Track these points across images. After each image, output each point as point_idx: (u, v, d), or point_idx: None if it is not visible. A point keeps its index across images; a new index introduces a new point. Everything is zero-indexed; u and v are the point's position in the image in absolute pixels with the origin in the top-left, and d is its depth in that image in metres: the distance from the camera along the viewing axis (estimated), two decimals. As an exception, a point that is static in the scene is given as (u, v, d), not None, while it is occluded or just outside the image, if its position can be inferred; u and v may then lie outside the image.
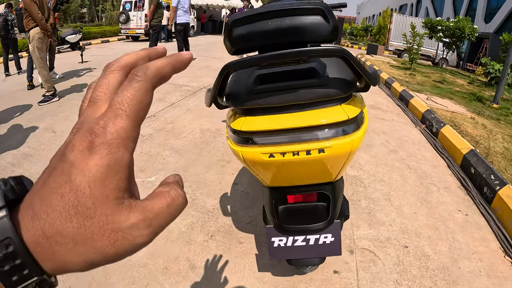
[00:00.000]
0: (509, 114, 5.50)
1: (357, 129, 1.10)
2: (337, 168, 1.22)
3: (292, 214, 1.34)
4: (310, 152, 1.07)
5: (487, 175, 2.76)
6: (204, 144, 3.26)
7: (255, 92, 1.11)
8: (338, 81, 1.10)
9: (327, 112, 1.09)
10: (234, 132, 1.16)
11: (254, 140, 1.10)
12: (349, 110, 1.10)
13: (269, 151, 1.08)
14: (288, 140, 1.08)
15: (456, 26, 11.59)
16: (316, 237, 1.33)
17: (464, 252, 2.04)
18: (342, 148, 1.08)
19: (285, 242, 1.34)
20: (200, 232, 2.01)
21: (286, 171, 1.20)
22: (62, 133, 3.46)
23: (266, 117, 1.12)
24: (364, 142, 3.54)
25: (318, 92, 1.09)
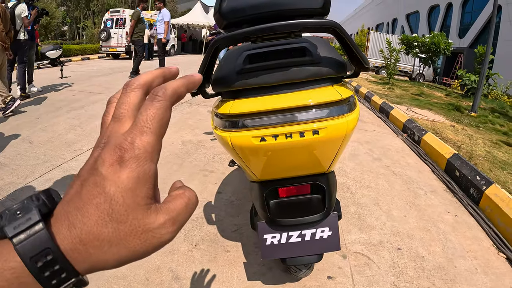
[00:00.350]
0: (488, 121, 5.68)
1: (351, 110, 1.06)
2: (331, 155, 1.16)
3: (285, 208, 1.26)
4: (304, 134, 1.01)
5: (472, 176, 2.78)
6: (186, 155, 3.17)
7: (244, 72, 1.06)
8: (330, 60, 1.07)
9: (320, 92, 1.05)
10: (222, 118, 1.09)
11: (244, 123, 1.03)
12: (342, 91, 1.06)
13: (260, 134, 1.02)
14: (280, 121, 1.01)
15: (431, 42, 12.09)
16: (312, 231, 1.22)
17: (458, 251, 2.00)
18: (337, 130, 1.02)
19: (278, 239, 1.22)
20: (183, 241, 1.89)
21: (278, 158, 1.13)
22: (39, 143, 3.32)
23: (256, 99, 1.06)
24: (348, 151, 3.55)
25: (310, 70, 1.04)
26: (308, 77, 1.05)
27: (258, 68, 1.05)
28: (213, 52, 1.03)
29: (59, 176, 2.62)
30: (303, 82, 1.06)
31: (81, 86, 6.59)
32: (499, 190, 2.49)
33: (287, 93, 1.05)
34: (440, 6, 25.91)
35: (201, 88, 1.17)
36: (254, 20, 1.02)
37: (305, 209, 1.24)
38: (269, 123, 1.02)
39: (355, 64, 1.14)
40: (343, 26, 1.09)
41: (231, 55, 1.16)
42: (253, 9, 1.02)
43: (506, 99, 10.35)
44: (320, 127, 1.01)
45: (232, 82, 1.07)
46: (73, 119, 4.22)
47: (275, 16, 1.00)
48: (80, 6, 25.46)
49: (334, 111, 1.02)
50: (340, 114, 1.03)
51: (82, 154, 3.06)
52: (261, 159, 1.13)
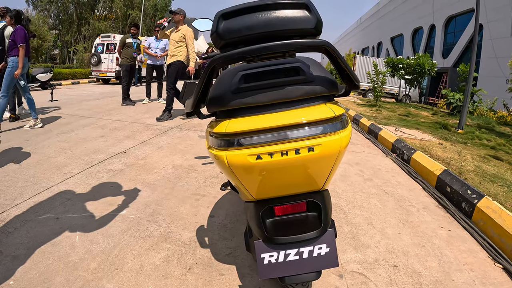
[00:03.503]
0: (475, 137, 5.82)
1: (344, 127, 1.09)
2: (326, 172, 1.18)
3: (282, 226, 1.25)
4: (299, 151, 1.03)
5: (463, 191, 2.82)
6: (177, 179, 3.14)
7: (240, 91, 1.09)
8: (322, 79, 1.11)
9: (314, 110, 1.08)
10: (217, 137, 1.11)
11: (239, 141, 1.05)
12: (335, 108, 1.10)
13: (256, 152, 1.03)
14: (276, 139, 1.04)
15: (416, 63, 12.51)
16: (310, 249, 1.21)
17: (454, 265, 2.00)
18: (332, 146, 1.05)
19: (276, 258, 1.20)
20: (176, 265, 1.83)
21: (274, 176, 1.14)
22: (28, 165, 3.28)
23: (252, 118, 1.08)
24: (339, 173, 3.58)
25: (304, 89, 1.08)
26: (302, 95, 1.08)
27: (253, 87, 1.08)
28: (209, 72, 1.07)
29: (48, 198, 2.57)
30: (297, 100, 1.10)
31: (71, 109, 6.57)
32: (491, 202, 2.52)
33: (282, 111, 1.08)
34: (424, 28, 27.06)
35: (197, 109, 1.19)
36: (249, 41, 1.06)
37: (301, 226, 1.24)
38: (265, 141, 1.04)
39: (346, 82, 1.19)
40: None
41: (226, 76, 1.20)
42: (248, 30, 1.06)
43: (491, 115, 10.65)
44: (315, 144, 1.03)
45: (228, 102, 1.09)
46: (63, 142, 4.19)
47: (270, 37, 1.04)
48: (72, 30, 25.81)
49: (328, 128, 1.05)
50: (334, 131, 1.05)
51: (72, 177, 3.01)
52: (257, 177, 1.13)
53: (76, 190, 2.75)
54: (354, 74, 1.13)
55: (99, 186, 2.86)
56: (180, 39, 5.90)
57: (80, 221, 2.26)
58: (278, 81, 1.08)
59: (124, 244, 2.01)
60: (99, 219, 2.30)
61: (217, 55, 1.02)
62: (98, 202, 2.56)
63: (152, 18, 29.73)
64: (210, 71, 1.06)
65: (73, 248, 1.94)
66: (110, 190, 2.78)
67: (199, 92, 1.12)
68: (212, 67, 1.05)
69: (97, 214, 2.36)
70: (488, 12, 18.36)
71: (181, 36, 5.88)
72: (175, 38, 5.92)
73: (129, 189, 2.83)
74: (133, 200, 2.62)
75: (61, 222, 2.22)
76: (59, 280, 1.66)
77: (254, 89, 1.08)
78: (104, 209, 2.44)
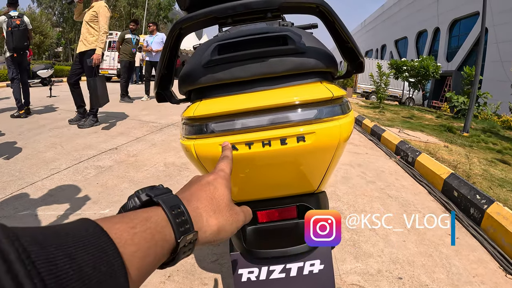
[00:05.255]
0: (480, 140, 5.64)
1: (344, 112, 0.85)
2: (321, 170, 0.94)
3: (265, 236, 1.01)
4: (286, 140, 0.79)
5: (471, 195, 2.65)
6: (168, 177, 2.98)
7: (212, 64, 0.85)
8: (317, 51, 0.87)
9: (306, 89, 0.84)
10: (186, 123, 0.89)
11: (210, 127, 0.82)
12: (333, 88, 0.86)
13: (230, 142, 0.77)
14: (256, 125, 0.80)
15: (420, 65, 12.33)
16: (300, 265, 0.95)
17: (464, 277, 1.83)
18: (329, 136, 0.81)
19: (257, 275, 0.95)
20: (155, 272, 1.65)
21: (254, 174, 0.91)
22: (16, 160, 3.16)
23: (227, 98, 0.85)
24: (340, 174, 3.41)
25: (293, 62, 0.83)
26: (291, 69, 0.84)
27: (229, 59, 0.84)
28: (174, 41, 0.85)
29: (30, 194, 2.43)
30: (285, 76, 0.86)
31: (68, 105, 6.43)
32: (502, 208, 2.36)
33: (265, 90, 0.85)
34: (428, 31, 26.90)
35: (165, 91, 0.98)
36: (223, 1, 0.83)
37: (290, 237, 0.98)
38: (241, 127, 0.81)
39: (348, 59, 0.96)
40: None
41: (199, 49, 0.96)
42: None
43: (496, 119, 10.46)
44: (307, 132, 0.79)
45: (197, 78, 0.87)
46: (54, 137, 4.04)
47: None
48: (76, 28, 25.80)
49: (324, 112, 0.81)
50: (331, 116, 0.82)
51: (59, 172, 2.86)
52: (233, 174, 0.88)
53: (60, 186, 2.60)
54: (357, 46, 0.88)
55: (85, 183, 2.70)
56: (92, 19, 4.50)
57: (59, 219, 2.10)
58: (260, 51, 0.83)
59: (101, 246, 1.84)
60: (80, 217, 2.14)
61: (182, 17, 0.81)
62: (81, 199, 2.40)
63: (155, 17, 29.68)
64: (174, 39, 0.85)
65: (48, 250, 1.78)
66: (95, 187, 2.63)
67: (163, 66, 0.89)
68: (177, 33, 0.83)
69: (78, 212, 2.20)
70: (494, 16, 18.17)
71: (92, 15, 4.49)
72: (86, 19, 4.54)
73: (115, 187, 2.67)
74: (118, 199, 2.46)
75: (39, 220, 2.07)
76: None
77: (229, 61, 0.84)
78: (86, 207, 2.28)
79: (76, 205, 2.30)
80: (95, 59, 4.40)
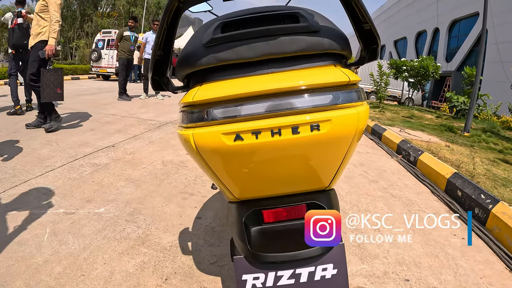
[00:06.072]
0: (481, 140, 5.59)
1: (361, 99, 0.78)
2: (335, 164, 0.87)
3: (272, 238, 0.93)
4: (299, 129, 0.71)
5: (476, 195, 2.59)
6: (165, 175, 2.90)
7: (214, 43, 0.77)
8: (331, 31, 0.79)
9: (320, 72, 0.76)
10: (185, 110, 0.80)
11: (212, 114, 0.73)
12: (348, 73, 0.78)
13: (234, 130, 0.72)
14: (264, 111, 0.71)
15: (420, 65, 12.27)
16: (311, 270, 0.86)
17: (471, 278, 1.77)
18: (346, 124, 0.74)
19: (263, 282, 0.85)
20: (152, 274, 1.58)
21: (261, 167, 0.82)
22: (10, 157, 3.08)
23: (231, 81, 0.77)
24: (342, 174, 3.33)
25: (306, 41, 0.75)
26: (304, 49, 0.76)
27: (234, 37, 0.76)
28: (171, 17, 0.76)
29: (23, 192, 2.35)
30: (296, 57, 0.78)
31: (66, 103, 6.34)
32: (507, 207, 2.30)
33: (274, 72, 0.77)
34: (427, 32, 26.86)
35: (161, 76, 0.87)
36: None
37: (299, 239, 0.89)
38: (247, 113, 0.72)
39: (364, 42, 0.88)
40: None
41: (201, 28, 0.88)
42: None
43: (495, 119, 10.42)
44: (322, 119, 0.71)
45: (198, 58, 0.78)
46: (51, 134, 3.97)
47: None
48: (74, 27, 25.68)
49: (340, 98, 0.73)
50: (348, 102, 0.74)
51: (53, 170, 2.78)
52: (237, 168, 0.82)
53: (54, 184, 2.52)
54: (376, 29, 0.81)
55: (80, 181, 2.62)
56: (42, 9, 3.92)
57: (52, 218, 2.02)
58: (269, 28, 0.74)
59: (95, 246, 1.76)
60: (73, 216, 2.06)
61: None
62: (75, 197, 2.32)
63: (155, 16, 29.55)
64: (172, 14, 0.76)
65: (39, 249, 1.71)
66: (90, 186, 2.55)
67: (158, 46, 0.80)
68: (175, 6, 0.75)
69: (72, 211, 2.12)
70: (494, 16, 18.13)
71: (42, 5, 3.92)
72: (36, 10, 3.98)
73: (110, 185, 2.59)
74: (113, 197, 2.38)
75: (31, 219, 1.99)
76: (18, 285, 1.45)
77: (234, 40, 0.75)
78: (80, 206, 2.20)
79: (69, 204, 2.22)
80: (48, 50, 3.85)
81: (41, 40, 3.92)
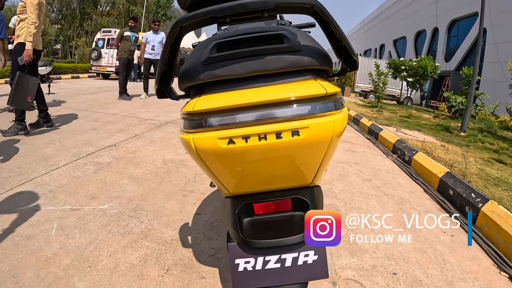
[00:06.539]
0: (477, 140, 5.68)
1: (338, 108, 0.90)
2: (315, 164, 0.99)
3: (261, 227, 1.07)
4: (281, 134, 0.85)
5: (467, 194, 2.69)
6: (166, 174, 3.00)
7: (211, 61, 0.91)
8: (312, 49, 0.93)
9: (300, 85, 0.90)
10: (186, 118, 0.94)
11: (208, 121, 0.87)
12: (326, 85, 0.91)
13: (227, 135, 0.86)
14: (252, 119, 0.85)
15: (419, 65, 12.36)
16: (294, 255, 1.00)
17: (458, 274, 1.86)
18: (322, 130, 0.87)
19: (253, 265, 1.00)
20: (154, 265, 1.69)
21: (251, 167, 0.96)
22: (15, 156, 3.17)
23: (225, 94, 0.91)
24: (337, 172, 3.44)
25: (288, 59, 0.89)
26: (286, 67, 0.90)
27: (227, 56, 0.90)
28: (174, 39, 0.90)
29: (30, 189, 2.45)
30: (280, 73, 0.92)
31: (67, 102, 6.45)
32: (497, 206, 2.39)
33: (261, 86, 0.91)
34: (426, 31, 26.93)
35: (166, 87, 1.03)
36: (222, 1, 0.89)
37: (285, 228, 1.05)
38: (238, 121, 0.86)
39: (342, 57, 1.01)
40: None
41: (199, 47, 1.03)
42: None
43: (493, 119, 10.51)
44: (301, 127, 0.85)
45: (197, 74, 0.92)
46: (53, 133, 4.06)
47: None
48: (74, 25, 25.68)
49: (317, 108, 0.87)
50: (325, 111, 0.88)
51: (58, 169, 2.87)
52: (231, 167, 0.96)
53: (59, 182, 2.62)
54: (351, 46, 0.95)
55: (84, 179, 2.72)
56: (21, 10, 3.76)
57: (59, 214, 2.12)
58: (257, 49, 0.89)
59: (101, 240, 1.87)
60: (79, 212, 2.16)
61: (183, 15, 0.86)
62: (80, 195, 2.42)
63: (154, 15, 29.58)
64: (175, 36, 0.90)
65: (48, 242, 1.81)
66: (94, 183, 2.64)
67: (163, 62, 0.94)
68: (177, 31, 0.88)
69: (77, 208, 2.22)
70: (493, 16, 18.20)
71: (21, 6, 3.76)
72: (17, 11, 3.84)
73: (114, 183, 2.69)
74: (117, 194, 2.48)
75: (39, 215, 2.09)
76: (29, 276, 1.54)
77: (228, 58, 0.91)
78: (85, 203, 2.30)
79: (75, 201, 2.32)
80: (25, 56, 3.66)
81: (19, 42, 3.79)
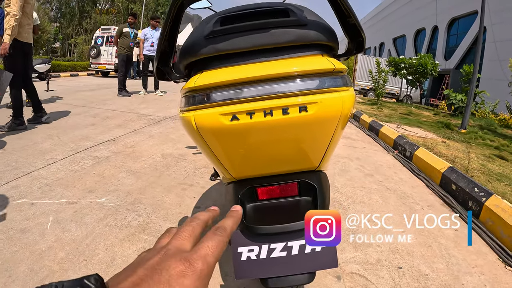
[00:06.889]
0: (478, 137, 5.66)
1: (346, 85, 0.86)
2: (323, 144, 0.94)
3: (266, 213, 1.00)
4: (288, 110, 0.79)
5: (470, 188, 2.65)
6: (165, 167, 2.95)
7: (214, 35, 0.86)
8: (318, 24, 0.88)
9: (308, 60, 0.85)
10: (186, 95, 0.88)
11: (211, 97, 0.82)
12: (334, 62, 0.86)
13: (231, 111, 0.80)
14: (257, 94, 0.80)
15: (419, 63, 12.32)
16: (301, 243, 0.92)
17: (463, 268, 1.82)
18: (331, 106, 0.82)
19: (257, 254, 0.91)
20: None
21: (256, 146, 0.90)
22: (12, 150, 3.11)
23: (229, 68, 0.86)
24: (338, 167, 3.40)
25: (295, 33, 0.85)
26: (293, 41, 0.86)
27: (231, 30, 0.85)
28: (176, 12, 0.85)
29: (27, 183, 2.40)
30: (286, 48, 0.87)
31: (65, 99, 6.39)
32: (500, 200, 2.35)
33: (267, 61, 0.86)
34: (426, 30, 26.88)
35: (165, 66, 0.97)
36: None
37: (291, 214, 0.97)
38: (243, 96, 0.80)
39: (349, 35, 0.96)
40: None
41: (202, 23, 0.98)
42: None
43: (493, 117, 10.50)
44: (309, 102, 0.80)
45: (199, 49, 0.87)
46: (52, 129, 4.00)
47: None
48: (73, 24, 25.58)
49: (326, 82, 0.82)
50: (334, 87, 0.83)
51: (55, 163, 2.82)
52: (234, 146, 0.90)
53: (56, 176, 2.57)
54: (360, 23, 0.90)
55: (81, 173, 2.67)
56: (7, 3, 3.61)
57: (55, 207, 2.07)
58: (263, 22, 0.85)
59: (97, 233, 1.82)
60: (76, 206, 2.11)
61: None
62: (77, 188, 2.37)
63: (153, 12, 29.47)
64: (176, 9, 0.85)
65: (43, 236, 1.76)
66: (91, 177, 2.59)
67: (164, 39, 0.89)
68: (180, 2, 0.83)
69: (74, 201, 2.17)
70: (492, 15, 18.16)
71: None
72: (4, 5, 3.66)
73: (112, 176, 2.64)
74: (115, 188, 2.43)
75: (35, 208, 2.04)
76: (22, 269, 1.50)
77: (232, 32, 0.85)
78: (83, 196, 2.25)
79: (72, 194, 2.27)
80: (1, 50, 3.51)
81: None
